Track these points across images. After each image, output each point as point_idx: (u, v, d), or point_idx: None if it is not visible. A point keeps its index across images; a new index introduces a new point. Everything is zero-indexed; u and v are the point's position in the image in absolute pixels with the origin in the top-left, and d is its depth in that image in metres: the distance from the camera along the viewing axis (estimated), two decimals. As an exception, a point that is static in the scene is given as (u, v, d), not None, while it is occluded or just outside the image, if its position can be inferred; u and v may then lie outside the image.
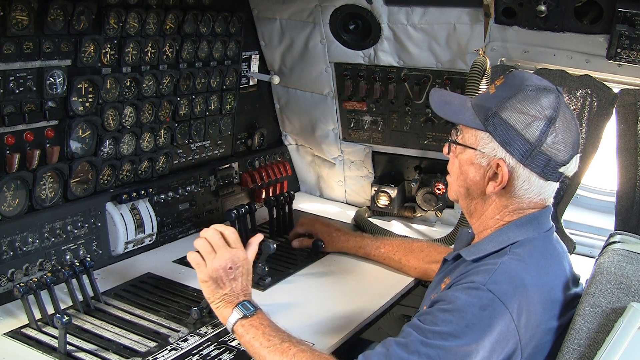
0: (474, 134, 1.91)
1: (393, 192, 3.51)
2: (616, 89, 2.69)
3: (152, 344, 2.12)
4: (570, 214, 3.06)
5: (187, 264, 2.74)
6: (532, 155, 1.81)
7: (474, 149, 1.91)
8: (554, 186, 1.90)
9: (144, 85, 2.83)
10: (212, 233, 2.14)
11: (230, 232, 2.16)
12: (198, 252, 2.12)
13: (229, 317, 2.00)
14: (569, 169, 1.86)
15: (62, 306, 2.25)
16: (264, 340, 1.91)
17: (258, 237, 2.25)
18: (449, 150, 2.04)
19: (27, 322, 2.18)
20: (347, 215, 3.59)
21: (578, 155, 1.87)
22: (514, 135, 1.82)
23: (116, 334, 2.17)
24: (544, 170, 1.83)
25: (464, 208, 2.05)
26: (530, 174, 1.84)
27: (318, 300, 2.53)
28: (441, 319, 1.72)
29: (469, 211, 2.03)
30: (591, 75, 2.72)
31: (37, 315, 2.19)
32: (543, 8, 2.65)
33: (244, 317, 1.98)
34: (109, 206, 2.70)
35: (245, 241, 2.91)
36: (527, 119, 1.81)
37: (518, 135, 1.81)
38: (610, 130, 2.72)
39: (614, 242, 1.93)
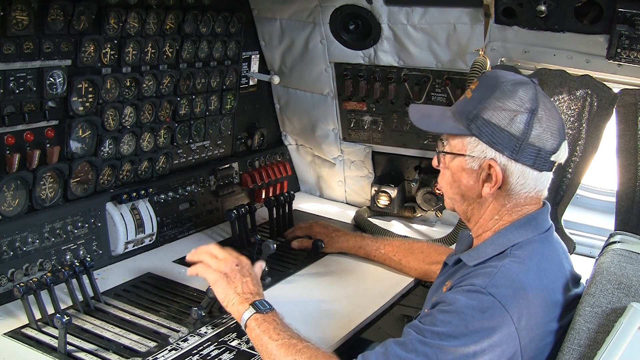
0: (460, 140, 1.91)
1: (393, 192, 3.51)
2: (616, 89, 2.69)
3: (152, 344, 2.12)
4: (570, 214, 3.06)
5: (188, 264, 2.77)
6: (521, 149, 1.81)
7: (462, 155, 1.90)
8: (548, 176, 1.90)
9: (144, 85, 2.83)
10: (207, 246, 2.33)
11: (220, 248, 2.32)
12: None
13: (245, 312, 2.07)
14: (560, 156, 1.87)
15: (62, 306, 2.25)
16: (273, 334, 1.96)
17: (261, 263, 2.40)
18: (439, 162, 2.03)
19: (27, 322, 2.18)
20: (347, 215, 3.59)
21: (566, 142, 1.88)
22: (500, 133, 1.82)
23: (116, 334, 2.17)
24: (535, 161, 1.83)
25: (460, 214, 2.05)
26: (524, 168, 1.84)
27: (318, 301, 2.53)
28: (440, 320, 1.73)
29: (466, 216, 2.02)
30: (591, 75, 2.71)
31: (37, 315, 2.19)
32: (543, 8, 2.65)
33: (259, 312, 2.05)
34: (109, 206, 2.70)
35: (244, 240, 2.95)
36: (509, 114, 1.81)
37: (503, 133, 1.81)
38: (610, 130, 2.72)
39: (614, 242, 1.93)
